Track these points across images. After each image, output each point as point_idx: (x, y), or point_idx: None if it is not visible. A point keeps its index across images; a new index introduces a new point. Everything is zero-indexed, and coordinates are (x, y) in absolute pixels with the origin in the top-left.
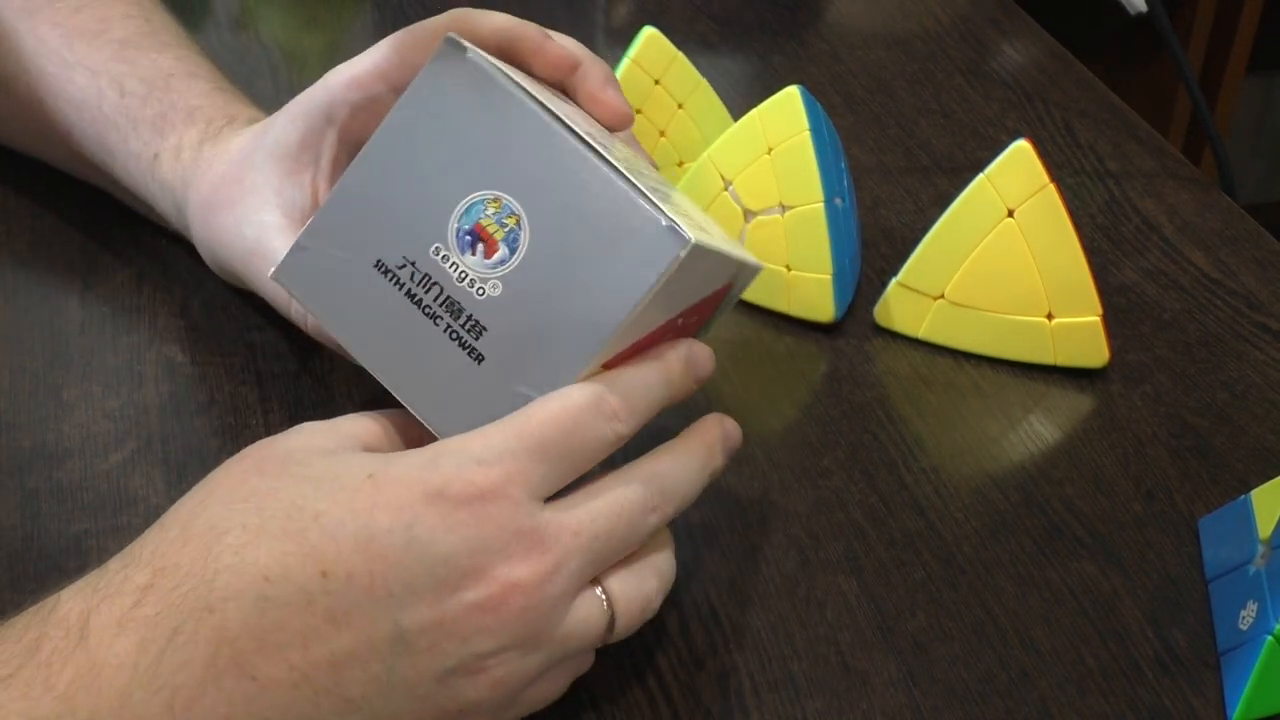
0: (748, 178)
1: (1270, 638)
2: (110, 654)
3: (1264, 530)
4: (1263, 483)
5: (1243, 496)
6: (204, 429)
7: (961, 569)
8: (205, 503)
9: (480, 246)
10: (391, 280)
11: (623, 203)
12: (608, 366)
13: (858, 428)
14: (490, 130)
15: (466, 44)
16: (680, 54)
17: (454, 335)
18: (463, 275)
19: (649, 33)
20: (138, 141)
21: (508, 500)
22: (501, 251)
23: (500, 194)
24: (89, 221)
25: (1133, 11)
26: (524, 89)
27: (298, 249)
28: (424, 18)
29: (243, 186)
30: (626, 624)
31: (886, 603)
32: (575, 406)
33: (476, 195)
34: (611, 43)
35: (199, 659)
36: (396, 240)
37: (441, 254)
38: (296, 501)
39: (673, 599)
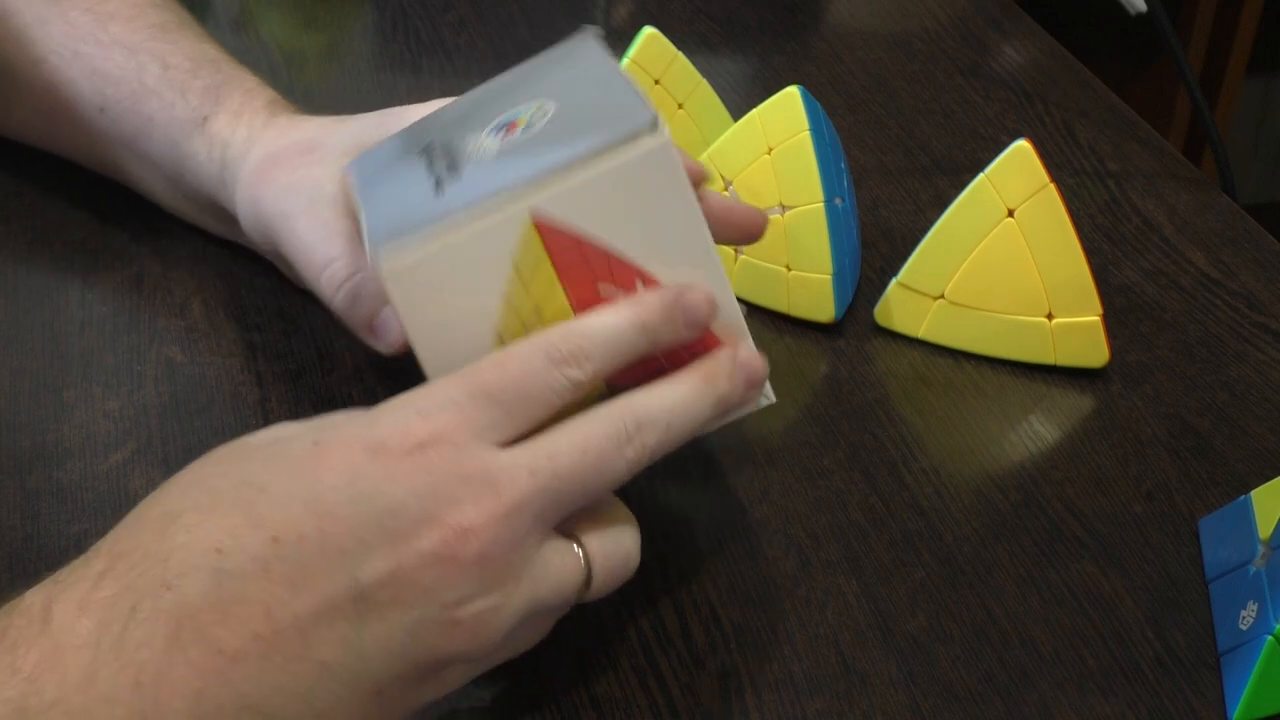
0: (748, 178)
1: (1270, 638)
2: (72, 635)
3: (1264, 530)
4: (1263, 483)
5: (1243, 497)
6: (204, 429)
7: (961, 569)
8: (160, 495)
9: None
10: None
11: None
12: (578, 295)
13: (858, 428)
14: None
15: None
16: (680, 54)
17: None
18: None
19: (649, 33)
20: (185, 107)
21: (450, 445)
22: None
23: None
24: (89, 221)
25: (1133, 12)
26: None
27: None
28: (424, 19)
29: (313, 157)
30: (604, 581)
31: (886, 603)
32: (521, 354)
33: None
34: (611, 43)
35: (161, 635)
36: None
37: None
38: (245, 479)
39: (673, 599)
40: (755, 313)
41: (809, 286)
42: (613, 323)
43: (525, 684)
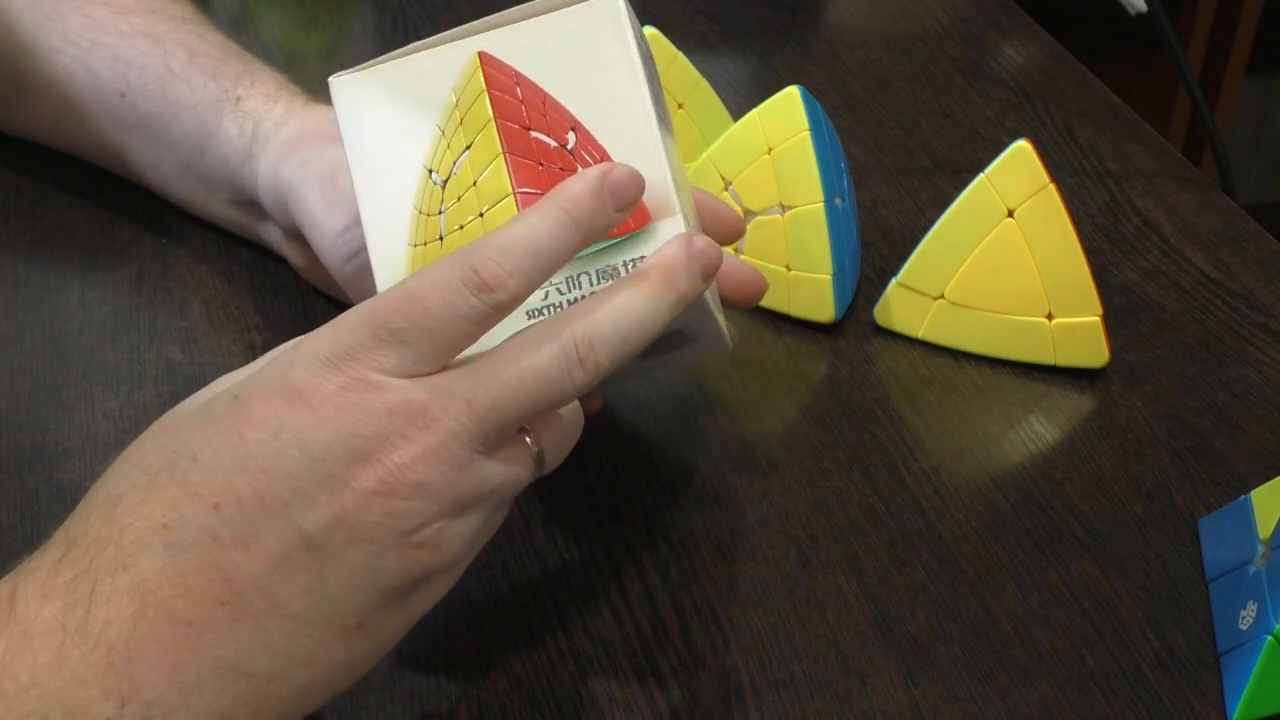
0: (748, 178)
1: (1270, 638)
2: (38, 620)
3: (1264, 530)
4: (1263, 483)
5: (1243, 497)
6: None
7: (961, 569)
8: (104, 480)
9: None
10: None
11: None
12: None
13: (858, 428)
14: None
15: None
16: (680, 54)
17: None
18: None
19: (649, 33)
20: (215, 89)
21: (367, 385)
22: None
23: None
24: (89, 221)
25: (1133, 12)
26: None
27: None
28: (423, 19)
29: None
30: (555, 457)
31: (886, 603)
32: (435, 282)
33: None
34: None
35: (125, 614)
36: None
37: None
38: (177, 449)
39: (673, 599)
40: (755, 313)
41: (809, 286)
42: (538, 227)
43: (526, 684)
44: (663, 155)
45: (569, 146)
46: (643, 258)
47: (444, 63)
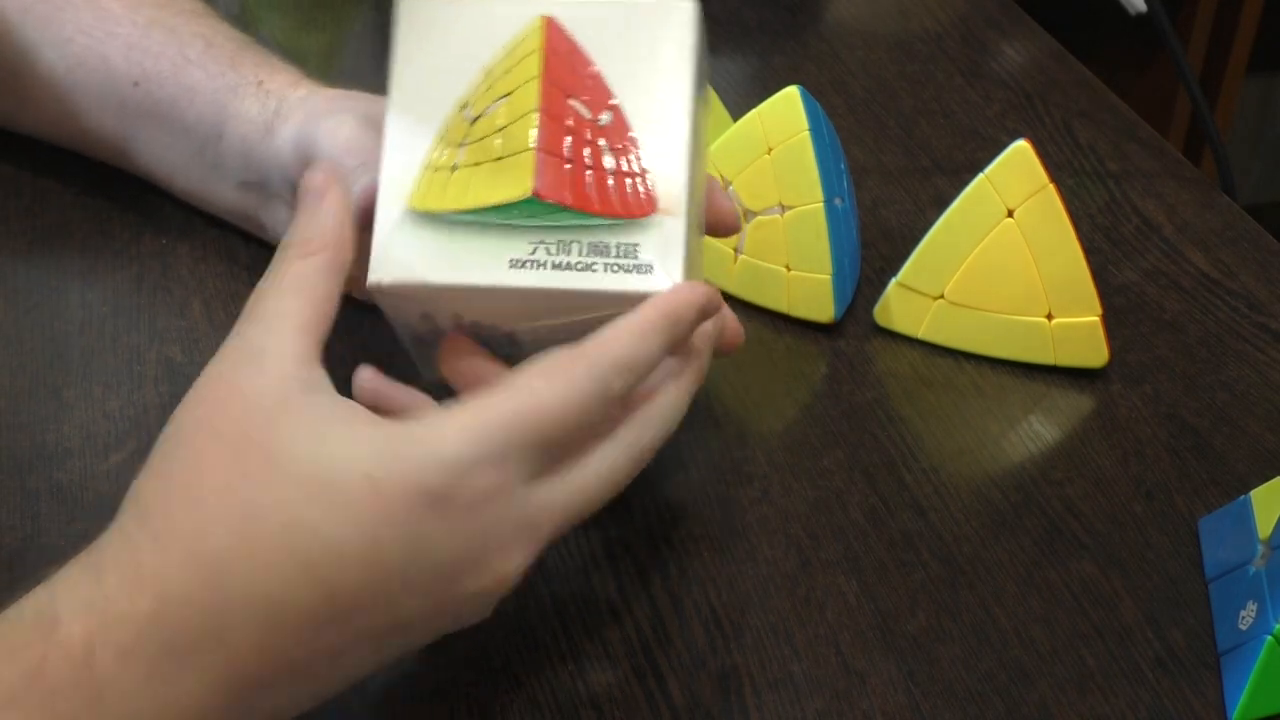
0: (748, 178)
1: (1270, 638)
2: (117, 685)
3: (1264, 530)
4: (1263, 483)
5: (1243, 497)
6: None
7: (961, 569)
8: (196, 506)
9: None
10: None
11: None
12: None
13: (858, 428)
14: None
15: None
16: None
17: None
18: None
19: None
20: (235, 75)
21: (507, 496)
22: None
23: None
24: (89, 221)
25: (1133, 11)
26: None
27: None
28: None
29: (366, 109)
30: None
31: (886, 603)
32: (581, 395)
33: None
34: None
35: (209, 687)
36: None
37: None
38: (294, 515)
39: (673, 599)
40: (755, 313)
41: (809, 286)
42: (654, 344)
43: (526, 684)
44: (685, 159)
45: (601, 123)
46: (637, 245)
47: (511, 15)
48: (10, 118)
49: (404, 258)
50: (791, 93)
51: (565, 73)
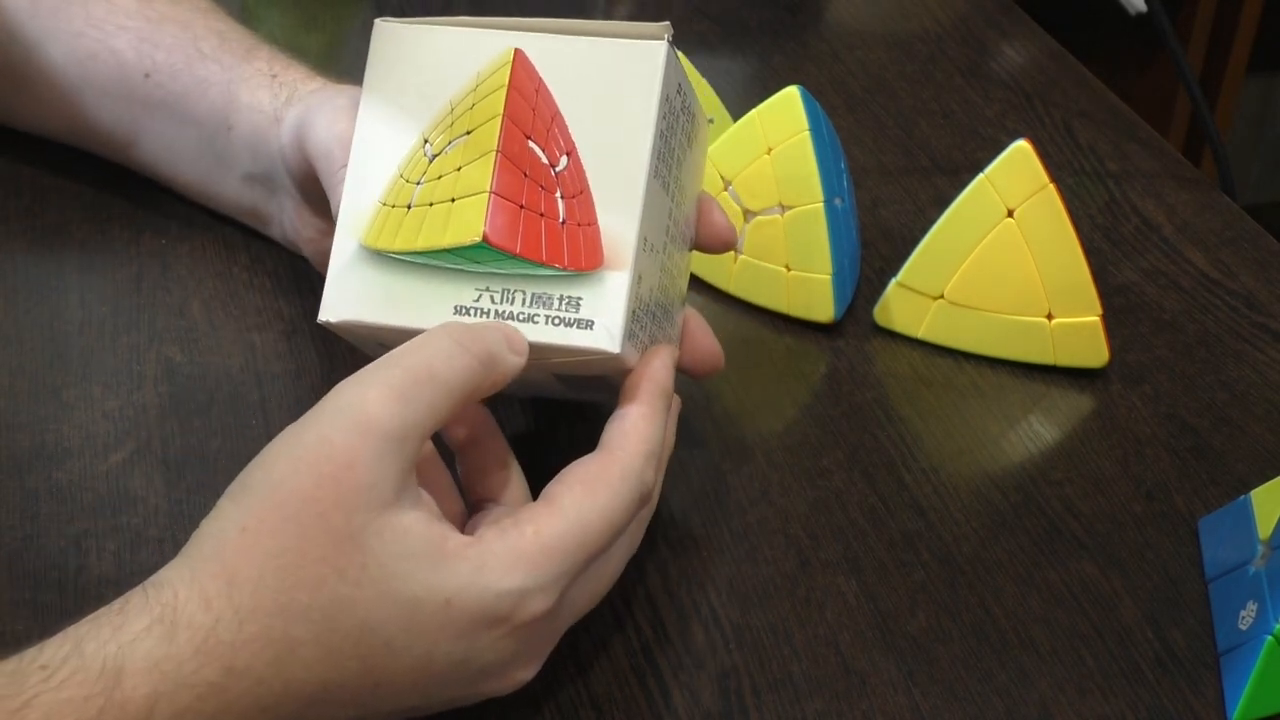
0: (747, 178)
1: (1270, 638)
2: None
3: (1264, 530)
4: (1263, 483)
5: (1242, 497)
6: (204, 429)
7: (961, 569)
8: (286, 593)
9: None
10: None
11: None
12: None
13: (857, 428)
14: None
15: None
16: (680, 54)
17: None
18: None
19: None
20: (249, 68)
21: (552, 614)
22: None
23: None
24: (89, 221)
25: (1133, 11)
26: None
27: None
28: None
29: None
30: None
31: (886, 603)
32: (621, 514)
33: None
34: None
35: None
36: None
37: None
38: (370, 622)
39: (673, 599)
40: (755, 313)
41: (809, 286)
42: (660, 424)
43: (526, 684)
44: (637, 212)
45: (557, 169)
46: (580, 299)
47: (482, 45)
48: (17, 112)
49: (351, 297)
50: (791, 93)
51: (527, 113)
